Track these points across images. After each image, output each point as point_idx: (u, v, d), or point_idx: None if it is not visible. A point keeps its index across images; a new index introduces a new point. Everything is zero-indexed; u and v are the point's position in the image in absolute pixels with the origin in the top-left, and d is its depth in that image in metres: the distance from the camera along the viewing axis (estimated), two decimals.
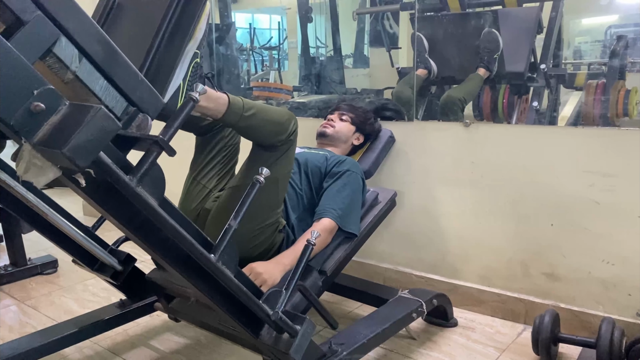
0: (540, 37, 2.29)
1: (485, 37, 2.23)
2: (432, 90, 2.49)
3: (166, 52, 1.08)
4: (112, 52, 0.93)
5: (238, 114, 1.51)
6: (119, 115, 0.96)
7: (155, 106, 1.01)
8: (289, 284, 1.31)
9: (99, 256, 1.66)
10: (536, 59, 2.30)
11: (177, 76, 1.11)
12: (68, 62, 0.87)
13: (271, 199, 1.66)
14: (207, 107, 1.45)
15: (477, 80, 2.30)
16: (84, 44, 0.88)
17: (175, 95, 1.27)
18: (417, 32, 2.32)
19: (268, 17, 4.28)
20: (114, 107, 0.95)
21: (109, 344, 1.98)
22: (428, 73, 2.39)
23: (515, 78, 2.32)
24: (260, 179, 1.22)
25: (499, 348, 1.92)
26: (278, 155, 1.63)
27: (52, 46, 0.84)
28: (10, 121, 0.78)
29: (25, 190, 1.35)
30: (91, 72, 0.91)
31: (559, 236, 1.98)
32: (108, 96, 0.94)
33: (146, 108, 0.99)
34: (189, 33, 1.09)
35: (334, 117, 2.18)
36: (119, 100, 0.95)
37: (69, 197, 2.53)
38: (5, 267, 2.59)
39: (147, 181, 0.97)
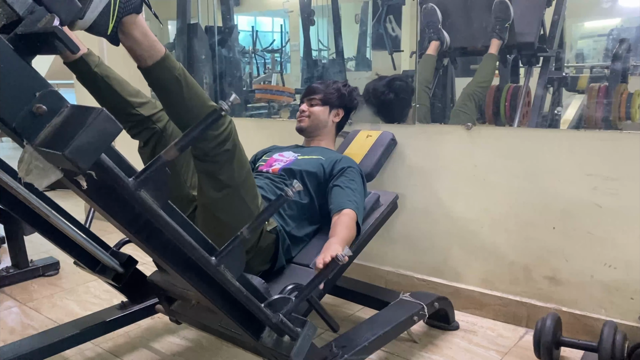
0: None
1: (496, 6, 2.28)
2: (444, 63, 2.51)
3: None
4: None
5: (170, 71, 1.32)
6: (22, 13, 0.83)
7: (68, 8, 0.86)
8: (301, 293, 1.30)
9: (101, 258, 1.66)
10: (545, 32, 2.32)
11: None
12: None
13: (241, 209, 1.53)
14: (140, 42, 1.27)
15: (491, 61, 2.30)
16: None
17: (106, 12, 1.14)
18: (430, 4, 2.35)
19: (270, 20, 4.29)
20: (14, 4, 0.82)
21: (110, 345, 1.98)
22: (441, 44, 2.42)
23: (525, 48, 2.35)
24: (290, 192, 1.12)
25: (500, 351, 1.91)
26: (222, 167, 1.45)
27: None
28: (13, 123, 0.78)
29: (27, 192, 1.36)
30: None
31: (562, 240, 1.98)
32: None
33: (56, 9, 0.84)
34: None
35: (304, 106, 2.14)
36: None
37: (70, 199, 2.53)
38: (7, 269, 2.59)
39: (150, 185, 0.96)
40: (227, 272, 1.16)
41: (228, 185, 1.47)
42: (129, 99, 1.55)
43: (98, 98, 1.54)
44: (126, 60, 1.37)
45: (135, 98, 1.56)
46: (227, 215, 1.51)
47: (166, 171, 0.98)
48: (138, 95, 1.58)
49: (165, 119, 1.60)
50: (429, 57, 2.40)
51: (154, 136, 1.60)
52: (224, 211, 1.51)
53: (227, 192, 1.48)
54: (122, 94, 1.53)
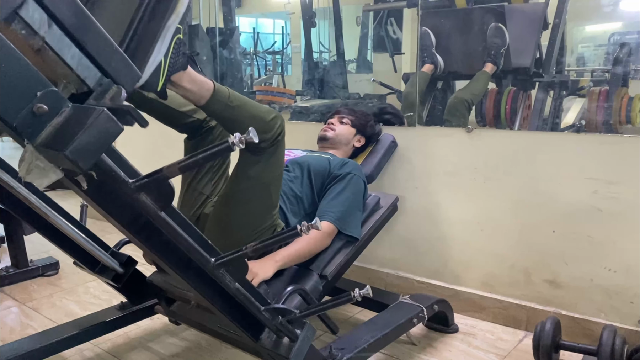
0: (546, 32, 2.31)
1: (492, 31, 2.26)
2: (438, 86, 2.51)
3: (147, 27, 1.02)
4: (85, 18, 0.86)
5: (223, 102, 1.45)
6: (92, 86, 0.89)
7: (131, 79, 0.95)
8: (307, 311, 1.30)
9: (100, 258, 1.66)
10: (542, 55, 2.31)
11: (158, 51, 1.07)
12: (36, 27, 0.81)
13: (265, 204, 1.63)
14: (190, 89, 1.39)
15: (484, 78, 2.30)
16: (53, 8, 0.82)
17: (157, 72, 1.21)
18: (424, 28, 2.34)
19: (272, 22, 4.30)
20: (87, 78, 0.88)
21: (109, 346, 1.98)
22: (435, 68, 2.41)
23: (521, 73, 2.34)
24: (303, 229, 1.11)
25: (500, 355, 1.91)
26: (266, 158, 1.57)
27: (18, 8, 0.79)
28: (13, 123, 0.78)
29: (28, 192, 1.36)
30: (61, 39, 0.85)
31: (562, 243, 1.98)
32: (80, 66, 0.88)
33: (121, 80, 0.92)
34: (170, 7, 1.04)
35: (334, 120, 2.19)
36: (92, 71, 0.89)
37: (70, 199, 2.54)
38: (7, 269, 2.59)
39: (151, 191, 0.96)
40: (226, 274, 1.16)
41: (263, 179, 1.58)
42: (183, 110, 1.66)
43: (155, 117, 1.63)
44: None
45: (188, 107, 1.65)
46: (250, 207, 1.60)
47: (169, 184, 0.98)
48: (189, 104, 1.63)
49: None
50: (423, 73, 2.40)
51: (205, 132, 1.72)
52: (250, 202, 1.60)
53: (260, 184, 1.59)
54: (176, 107, 1.64)
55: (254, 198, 1.60)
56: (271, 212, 1.66)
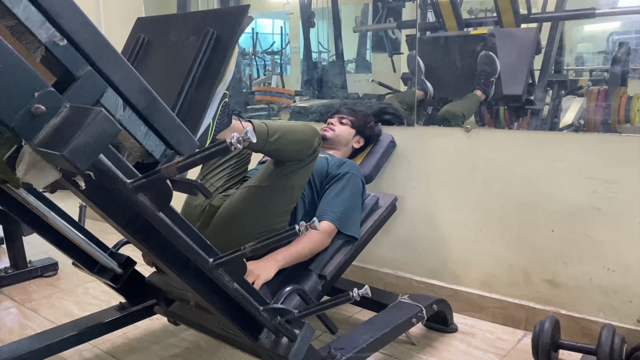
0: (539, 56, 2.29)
1: (482, 60, 2.22)
2: (428, 111, 2.49)
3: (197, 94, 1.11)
4: (153, 100, 0.97)
5: (263, 140, 1.52)
6: (158, 158, 1.01)
7: (191, 148, 1.05)
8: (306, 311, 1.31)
9: (99, 259, 1.66)
10: (534, 80, 2.28)
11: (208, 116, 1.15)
12: (113, 111, 0.92)
13: (283, 206, 1.69)
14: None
15: (475, 99, 2.29)
16: (127, 94, 0.93)
17: (205, 133, 1.31)
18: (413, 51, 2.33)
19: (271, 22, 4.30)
20: (154, 151, 1.00)
21: (108, 347, 1.98)
22: (424, 94, 2.39)
23: (512, 100, 2.30)
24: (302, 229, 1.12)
25: (499, 354, 1.91)
26: (302, 165, 1.66)
27: (100, 97, 0.90)
28: (11, 123, 0.78)
29: (26, 193, 1.36)
30: (134, 120, 0.95)
31: (560, 243, 1.98)
32: (149, 141, 0.99)
33: (183, 150, 1.04)
34: (219, 76, 1.13)
35: (334, 120, 2.19)
36: (158, 144, 1.00)
37: (69, 200, 2.53)
38: (6, 270, 2.59)
39: (149, 191, 0.97)
40: (225, 274, 1.16)
41: (292, 180, 1.66)
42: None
43: None
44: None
45: None
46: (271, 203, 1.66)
47: (167, 185, 0.98)
48: None
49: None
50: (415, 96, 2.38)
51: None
52: (272, 198, 1.66)
53: (288, 184, 1.66)
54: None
55: (277, 197, 1.66)
56: (284, 217, 1.71)
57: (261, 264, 1.60)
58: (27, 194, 1.36)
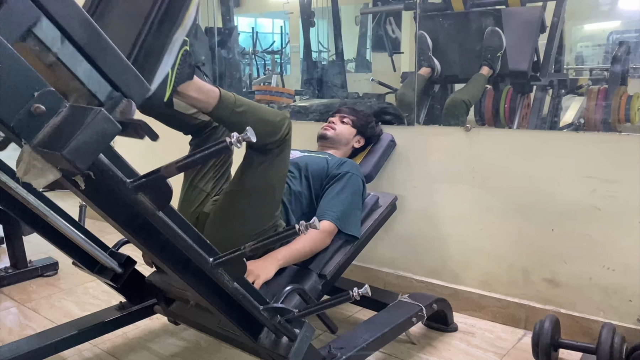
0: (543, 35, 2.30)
1: (488, 35, 2.25)
2: (435, 89, 2.50)
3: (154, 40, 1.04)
4: (96, 35, 0.89)
5: (229, 108, 1.47)
6: (103, 100, 0.92)
7: (141, 92, 0.97)
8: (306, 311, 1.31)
9: (99, 259, 1.66)
10: (539, 59, 2.30)
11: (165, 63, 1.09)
12: (49, 43, 0.84)
13: (268, 204, 1.65)
14: (197, 98, 1.41)
15: (481, 80, 2.30)
16: (66, 26, 0.85)
17: (164, 84, 1.24)
18: (420, 31, 2.33)
19: (271, 21, 4.30)
20: (98, 92, 0.91)
21: (108, 346, 1.98)
22: (432, 71, 2.40)
23: (518, 77, 2.33)
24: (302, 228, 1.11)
25: (499, 353, 1.91)
26: (271, 158, 1.58)
27: (32, 27, 0.82)
28: (11, 123, 0.78)
29: (26, 192, 1.36)
30: (74, 55, 0.87)
31: (560, 242, 1.98)
32: (91, 80, 0.90)
33: (131, 93, 0.95)
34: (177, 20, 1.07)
35: (335, 119, 2.19)
36: (102, 85, 0.92)
37: (69, 199, 2.54)
38: (6, 269, 2.59)
39: (149, 191, 0.96)
40: (224, 273, 1.16)
41: (269, 179, 1.60)
42: (189, 113, 1.68)
43: (163, 122, 1.66)
44: None
45: (194, 110, 1.66)
46: (253, 206, 1.62)
47: (167, 184, 0.98)
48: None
49: None
50: (420, 76, 2.39)
51: (210, 131, 1.75)
52: (253, 201, 1.61)
53: (265, 185, 1.61)
54: (183, 111, 1.65)
55: (258, 198, 1.62)
56: (274, 212, 1.67)
57: (261, 263, 1.60)
58: (27, 194, 1.36)
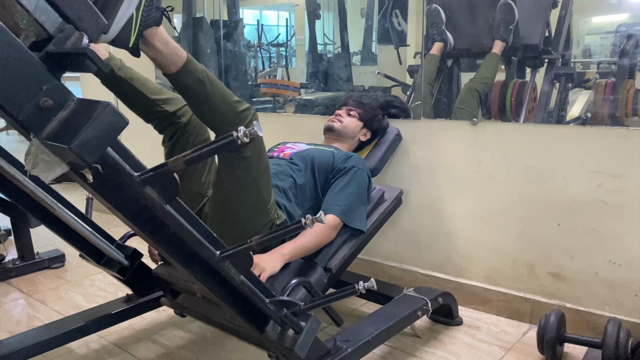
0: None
1: (501, 8, 2.25)
2: (448, 64, 2.49)
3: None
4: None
5: (194, 75, 1.36)
6: (52, 32, 0.86)
7: (96, 26, 0.90)
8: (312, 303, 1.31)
9: (106, 251, 1.67)
10: (551, 34, 2.30)
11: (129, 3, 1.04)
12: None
13: (256, 202, 1.59)
14: (162, 51, 1.31)
15: (494, 62, 2.29)
16: None
17: (128, 26, 1.17)
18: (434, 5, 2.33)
19: (276, 14, 4.29)
20: (45, 23, 0.85)
21: (115, 338, 1.99)
22: (445, 46, 2.40)
23: (530, 50, 2.32)
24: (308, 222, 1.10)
25: (504, 347, 1.92)
26: (247, 154, 1.50)
27: None
28: (20, 117, 0.79)
29: (34, 185, 1.37)
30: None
31: (566, 236, 1.97)
32: (38, 9, 0.84)
33: (85, 27, 0.88)
34: None
35: (342, 112, 2.18)
36: (51, 15, 0.86)
37: (76, 192, 2.55)
38: (14, 261, 2.61)
39: (156, 185, 0.96)
40: (231, 266, 1.17)
41: (247, 177, 1.54)
42: (153, 98, 1.61)
43: (123, 99, 1.61)
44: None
45: (159, 95, 1.62)
46: (241, 207, 1.57)
47: (174, 178, 0.97)
48: (162, 93, 1.63)
49: (189, 113, 1.65)
50: (432, 56, 2.39)
51: (178, 130, 1.66)
52: (239, 202, 1.57)
53: (246, 183, 1.54)
54: (146, 93, 1.60)
55: (243, 198, 1.56)
56: (265, 208, 1.62)
57: (267, 257, 1.60)
58: (35, 186, 1.37)
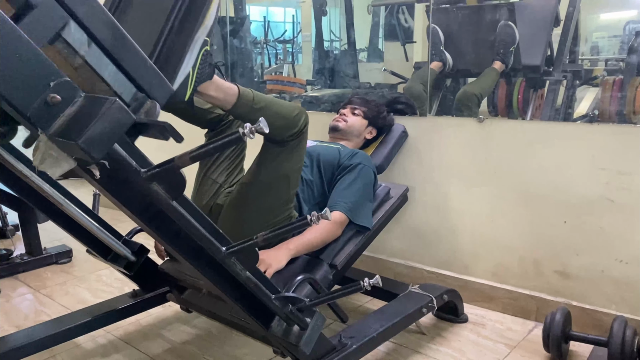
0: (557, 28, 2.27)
1: (501, 29, 2.22)
2: (447, 83, 2.48)
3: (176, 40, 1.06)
4: (122, 38, 0.92)
5: (248, 105, 1.48)
6: (128, 101, 0.94)
7: (164, 93, 1.00)
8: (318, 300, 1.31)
9: (113, 247, 1.68)
10: (553, 53, 2.27)
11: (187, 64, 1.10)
12: (77, 46, 0.86)
13: (282, 196, 1.66)
14: (216, 97, 1.43)
15: (493, 74, 2.28)
16: (93, 29, 0.87)
17: (185, 83, 1.25)
18: (432, 24, 2.31)
19: (282, 10, 4.28)
20: (123, 93, 0.94)
21: (121, 333, 2.01)
22: (443, 66, 2.38)
23: (531, 71, 2.30)
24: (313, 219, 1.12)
25: (509, 345, 1.91)
26: (289, 150, 1.60)
27: (61, 30, 0.84)
28: (28, 112, 0.79)
29: (41, 181, 1.38)
30: (100, 58, 0.90)
31: (572, 234, 1.97)
32: (117, 82, 0.93)
33: (155, 95, 0.98)
34: (198, 20, 1.08)
35: (347, 111, 2.18)
36: (127, 87, 0.94)
37: (83, 188, 2.56)
38: (21, 256, 2.63)
39: (163, 181, 0.97)
40: (237, 262, 1.17)
41: (282, 169, 1.62)
42: (206, 107, 1.70)
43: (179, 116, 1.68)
44: None
45: (209, 104, 1.67)
46: (265, 198, 1.63)
47: (181, 174, 0.98)
48: None
49: None
50: (431, 70, 2.37)
51: (225, 124, 1.77)
52: (266, 193, 1.63)
53: (278, 174, 1.62)
54: (199, 105, 1.67)
55: (273, 189, 1.63)
56: (288, 204, 1.69)
57: (273, 253, 1.61)
58: (42, 182, 1.37)
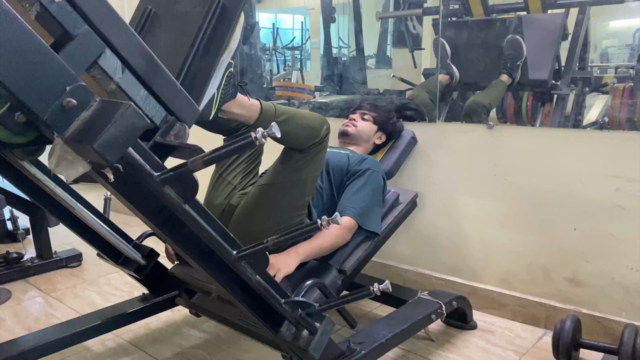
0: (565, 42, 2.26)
1: (508, 43, 2.21)
2: (453, 97, 2.47)
3: (202, 62, 1.10)
4: (153, 64, 0.97)
5: (271, 119, 1.50)
6: (158, 124, 1.00)
7: (193, 115, 1.05)
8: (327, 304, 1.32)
9: (123, 250, 1.69)
10: (560, 66, 2.27)
11: (212, 85, 1.14)
12: (112, 73, 0.91)
13: (297, 201, 1.67)
14: (239, 114, 1.47)
15: (501, 86, 2.28)
16: (127, 56, 0.92)
17: (210, 104, 1.29)
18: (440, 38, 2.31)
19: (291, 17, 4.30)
20: (154, 116, 0.99)
21: (131, 337, 2.01)
22: (450, 79, 2.38)
23: (538, 85, 2.29)
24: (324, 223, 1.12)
25: (518, 352, 1.90)
26: (308, 157, 1.63)
27: (97, 58, 0.89)
28: (44, 116, 0.80)
29: (54, 184, 1.39)
30: (133, 83, 0.95)
31: (582, 241, 1.96)
32: (148, 106, 0.98)
33: (184, 117, 1.03)
34: (224, 44, 1.12)
35: (356, 116, 2.19)
36: (158, 110, 0.99)
37: (94, 192, 2.58)
38: (32, 260, 2.65)
39: (176, 184, 0.98)
40: (247, 266, 1.18)
41: (301, 174, 1.65)
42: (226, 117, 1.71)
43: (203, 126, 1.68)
44: None
45: None
46: (282, 201, 1.65)
47: (194, 178, 1.00)
48: None
49: None
50: (440, 82, 2.37)
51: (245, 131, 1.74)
52: (283, 195, 1.65)
53: (297, 178, 1.65)
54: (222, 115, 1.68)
55: (289, 193, 1.65)
56: (302, 210, 1.70)
57: (283, 257, 1.61)
58: (55, 186, 1.39)
